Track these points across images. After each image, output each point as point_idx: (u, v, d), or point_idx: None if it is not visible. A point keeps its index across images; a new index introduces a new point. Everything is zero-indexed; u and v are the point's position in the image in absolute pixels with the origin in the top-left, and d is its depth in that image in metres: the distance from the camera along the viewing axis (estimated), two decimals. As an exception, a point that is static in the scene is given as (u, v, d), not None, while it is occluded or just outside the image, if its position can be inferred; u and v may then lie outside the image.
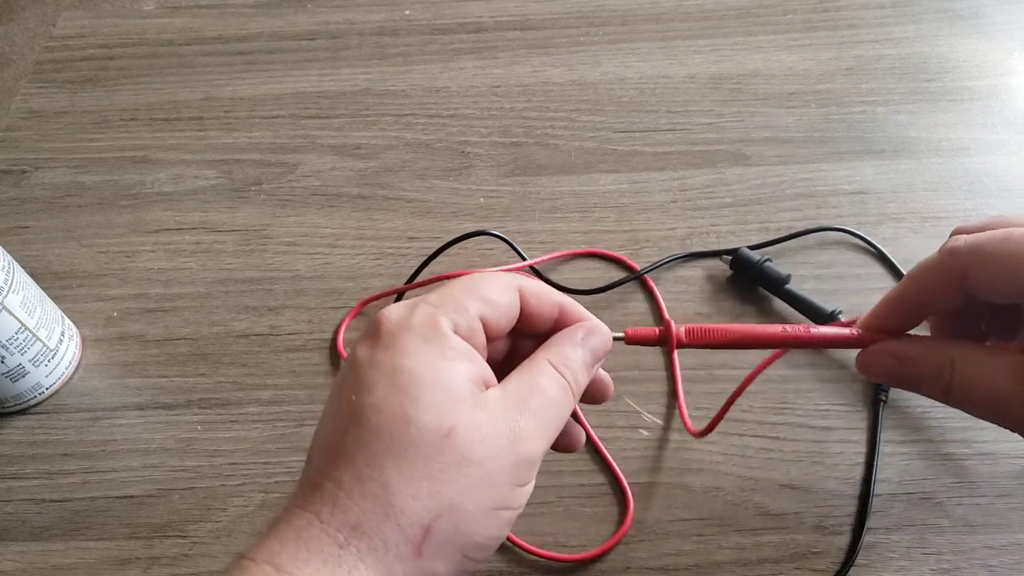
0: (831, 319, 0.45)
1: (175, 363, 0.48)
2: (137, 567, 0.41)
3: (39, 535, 0.42)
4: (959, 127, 0.56)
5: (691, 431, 0.41)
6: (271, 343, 0.48)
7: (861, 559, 0.39)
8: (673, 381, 0.45)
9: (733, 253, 0.49)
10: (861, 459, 0.42)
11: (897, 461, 0.42)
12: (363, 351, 0.28)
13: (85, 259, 0.53)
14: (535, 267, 0.50)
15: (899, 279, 0.48)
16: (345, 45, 0.65)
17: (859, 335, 0.31)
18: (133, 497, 0.43)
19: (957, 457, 0.42)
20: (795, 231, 0.50)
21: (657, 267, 0.50)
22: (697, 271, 0.50)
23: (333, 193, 0.56)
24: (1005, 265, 0.28)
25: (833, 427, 0.43)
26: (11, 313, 0.42)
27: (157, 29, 0.68)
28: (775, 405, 0.44)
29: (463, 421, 0.26)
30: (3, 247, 0.43)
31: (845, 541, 0.40)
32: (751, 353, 0.46)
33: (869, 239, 0.50)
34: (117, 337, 0.49)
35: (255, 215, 0.55)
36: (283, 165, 0.57)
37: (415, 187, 0.56)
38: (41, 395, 0.46)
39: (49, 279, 0.51)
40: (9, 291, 0.42)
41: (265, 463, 0.44)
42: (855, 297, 0.48)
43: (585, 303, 0.32)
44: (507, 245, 0.51)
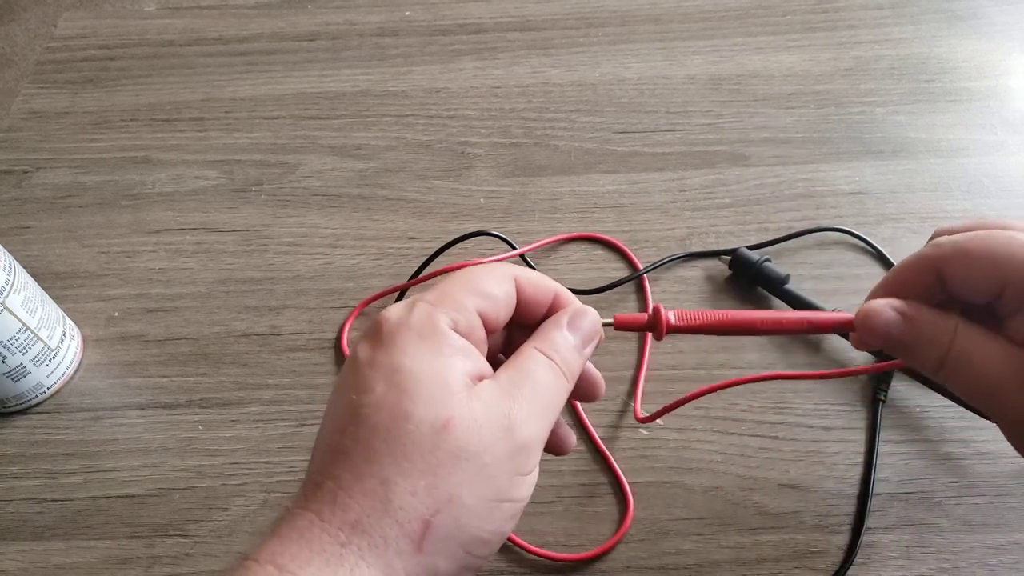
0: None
1: (176, 363, 0.48)
2: (138, 566, 0.41)
3: (41, 534, 0.42)
4: (958, 128, 0.56)
5: (636, 415, 0.43)
6: (272, 343, 0.48)
7: (860, 558, 0.39)
8: (639, 368, 0.46)
9: (732, 253, 0.49)
10: (860, 458, 0.42)
11: (896, 460, 0.42)
12: (364, 351, 0.28)
13: (86, 259, 0.53)
14: (525, 256, 0.50)
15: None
16: (345, 46, 0.65)
17: (850, 318, 0.31)
18: (134, 496, 0.43)
19: (956, 456, 0.42)
20: (794, 231, 0.51)
21: (657, 267, 0.50)
22: (696, 271, 0.50)
23: (334, 193, 0.56)
24: (981, 262, 0.28)
25: (832, 427, 0.43)
26: (12, 313, 0.42)
27: (158, 30, 0.68)
28: (774, 405, 0.44)
29: (458, 413, 0.26)
30: (4, 247, 0.43)
31: (844, 540, 0.40)
32: (750, 353, 0.46)
33: (868, 239, 0.50)
34: (118, 337, 0.49)
35: (256, 215, 0.55)
36: (284, 165, 0.58)
37: (415, 187, 0.56)
38: (42, 395, 0.46)
39: (50, 279, 0.52)
40: (10, 291, 0.42)
41: (266, 463, 0.44)
42: (854, 297, 0.48)
43: (585, 302, 0.32)
44: (507, 245, 0.51)
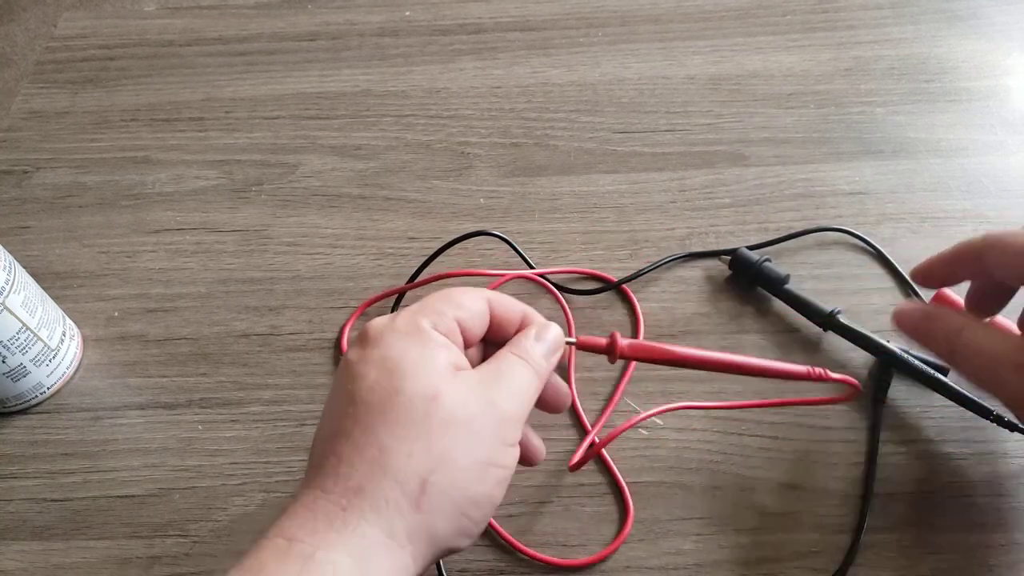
0: (830, 319, 0.45)
1: (176, 363, 0.48)
2: (138, 566, 0.41)
3: (40, 534, 0.42)
4: (958, 127, 0.56)
5: (570, 463, 0.40)
6: (272, 343, 0.48)
7: (860, 558, 0.39)
8: (568, 379, 0.45)
9: (732, 253, 0.49)
10: (861, 459, 0.42)
11: (897, 461, 0.42)
12: (354, 353, 0.31)
13: (86, 259, 0.53)
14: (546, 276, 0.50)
15: (898, 279, 0.49)
16: (345, 46, 0.65)
17: (807, 372, 0.37)
18: (134, 496, 0.43)
19: (956, 457, 0.42)
20: (794, 231, 0.51)
21: (641, 275, 0.49)
22: (696, 271, 0.50)
23: (333, 193, 0.56)
24: (1013, 253, 0.35)
25: (833, 427, 0.43)
26: (12, 313, 0.42)
27: (158, 30, 0.68)
28: (774, 405, 0.44)
29: (445, 388, 0.30)
30: (4, 247, 0.43)
31: (845, 540, 0.40)
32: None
33: (868, 239, 0.50)
34: (118, 337, 0.49)
35: (256, 215, 0.55)
36: (284, 165, 0.58)
37: (415, 187, 0.56)
38: (42, 395, 0.46)
39: (50, 279, 0.52)
40: (10, 291, 0.42)
41: (266, 463, 0.44)
42: (854, 297, 0.48)
43: (585, 303, 0.32)
44: (507, 245, 0.51)
